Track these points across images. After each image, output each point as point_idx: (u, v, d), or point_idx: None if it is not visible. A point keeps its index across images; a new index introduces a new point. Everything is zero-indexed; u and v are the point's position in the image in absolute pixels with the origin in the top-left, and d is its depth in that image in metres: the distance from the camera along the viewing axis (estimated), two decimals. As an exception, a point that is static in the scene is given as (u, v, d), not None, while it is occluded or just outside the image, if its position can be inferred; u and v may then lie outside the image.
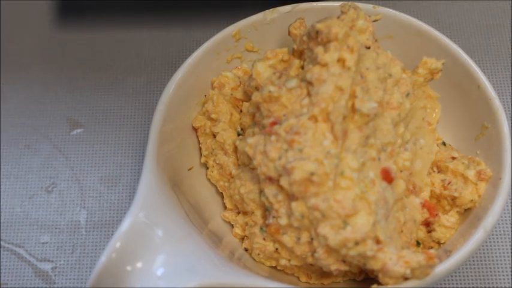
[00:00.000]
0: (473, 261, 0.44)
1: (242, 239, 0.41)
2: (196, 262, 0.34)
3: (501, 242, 0.45)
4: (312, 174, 0.33)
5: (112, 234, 0.45)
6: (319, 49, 0.36)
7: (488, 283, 0.44)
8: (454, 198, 0.39)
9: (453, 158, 0.40)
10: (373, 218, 0.33)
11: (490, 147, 0.39)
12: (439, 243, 0.39)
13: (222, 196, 0.42)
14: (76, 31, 0.54)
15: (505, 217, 0.46)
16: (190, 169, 0.42)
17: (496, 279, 0.44)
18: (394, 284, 0.34)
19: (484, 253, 0.45)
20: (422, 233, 0.39)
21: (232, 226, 0.42)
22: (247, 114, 0.41)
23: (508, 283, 0.44)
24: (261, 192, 0.37)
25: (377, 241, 0.33)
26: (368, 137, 0.36)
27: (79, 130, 0.50)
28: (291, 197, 0.35)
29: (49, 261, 0.45)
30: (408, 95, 0.38)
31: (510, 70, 0.51)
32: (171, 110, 0.40)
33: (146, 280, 0.33)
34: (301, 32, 0.39)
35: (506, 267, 0.44)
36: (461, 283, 0.44)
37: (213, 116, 0.41)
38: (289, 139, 0.34)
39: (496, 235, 0.45)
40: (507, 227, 0.45)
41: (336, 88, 0.35)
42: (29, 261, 0.45)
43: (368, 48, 0.37)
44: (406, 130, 0.39)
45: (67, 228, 0.46)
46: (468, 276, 0.44)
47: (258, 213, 0.38)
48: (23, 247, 0.45)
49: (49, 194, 0.47)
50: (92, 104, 0.51)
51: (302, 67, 0.38)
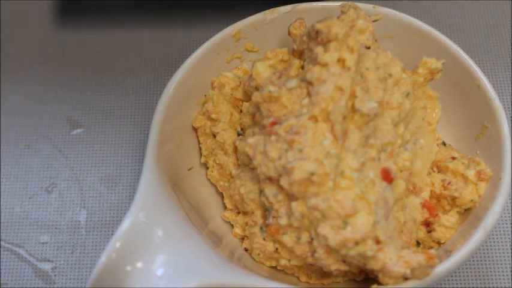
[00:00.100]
0: (473, 261, 0.44)
1: (242, 239, 0.41)
2: (196, 262, 0.34)
3: (501, 242, 0.45)
4: (312, 174, 0.33)
5: (112, 234, 0.45)
6: (319, 49, 0.36)
7: (488, 283, 0.44)
8: (454, 198, 0.39)
9: (453, 158, 0.40)
10: (373, 218, 0.33)
11: (490, 147, 0.39)
12: (439, 243, 0.39)
13: (222, 196, 0.42)
14: (76, 31, 0.54)
15: (505, 217, 0.46)
16: (190, 169, 0.42)
17: (496, 279, 0.44)
18: (394, 284, 0.34)
19: (484, 253, 0.45)
20: (422, 233, 0.39)
21: (232, 226, 0.42)
22: (247, 114, 0.41)
23: (508, 283, 0.43)
24: (261, 192, 0.37)
25: (377, 241, 0.33)
26: (368, 137, 0.36)
27: (79, 130, 0.50)
28: (291, 197, 0.35)
29: (49, 261, 0.45)
30: (408, 95, 0.38)
31: (510, 70, 0.51)
32: (171, 110, 0.40)
33: (146, 280, 0.33)
34: (301, 32, 0.39)
35: (506, 267, 0.44)
36: (461, 283, 0.44)
37: (213, 116, 0.41)
38: (289, 139, 0.34)
39: (496, 235, 0.45)
40: (507, 227, 0.45)
41: (336, 88, 0.35)
42: (29, 261, 0.45)
43: (368, 48, 0.37)
44: (406, 130, 0.39)
45: (67, 228, 0.46)
46: (468, 276, 0.44)
47: (258, 213, 0.38)
48: (23, 247, 0.45)
49: (49, 194, 0.47)
50: (92, 104, 0.51)
51: (302, 67, 0.38)
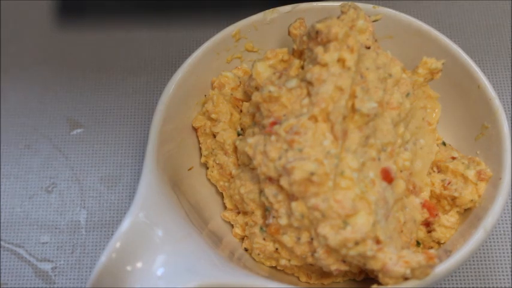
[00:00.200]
0: (473, 261, 0.44)
1: (242, 239, 0.41)
2: (196, 262, 0.34)
3: (501, 242, 0.45)
4: (312, 174, 0.33)
5: (112, 234, 0.45)
6: (319, 49, 0.36)
7: (488, 283, 0.44)
8: (454, 198, 0.39)
9: (453, 158, 0.40)
10: (373, 218, 0.33)
11: (490, 147, 0.39)
12: (439, 243, 0.39)
13: (222, 196, 0.42)
14: (76, 31, 0.54)
15: (505, 217, 0.46)
16: (190, 169, 0.42)
17: (496, 279, 0.44)
18: (394, 284, 0.34)
19: (484, 253, 0.45)
20: (422, 233, 0.39)
21: (232, 226, 0.42)
22: (247, 114, 0.41)
23: (508, 283, 0.43)
24: (261, 192, 0.37)
25: (377, 241, 0.33)
26: (368, 137, 0.36)
27: (79, 130, 0.50)
28: (291, 197, 0.35)
29: (49, 261, 0.45)
30: (408, 95, 0.38)
31: (510, 70, 0.51)
32: (171, 110, 0.40)
33: (146, 280, 0.33)
34: (301, 32, 0.39)
35: (506, 267, 0.44)
36: (461, 283, 0.44)
37: (213, 116, 0.41)
38: (289, 139, 0.34)
39: (496, 235, 0.45)
40: (507, 227, 0.45)
41: (336, 88, 0.35)
42: (29, 261, 0.45)
43: (368, 48, 0.37)
44: (406, 130, 0.39)
45: (67, 228, 0.46)
46: (468, 276, 0.44)
47: (258, 213, 0.38)
48: (23, 247, 0.45)
49: (49, 194, 0.47)
50: (92, 104, 0.51)
51: (302, 67, 0.38)
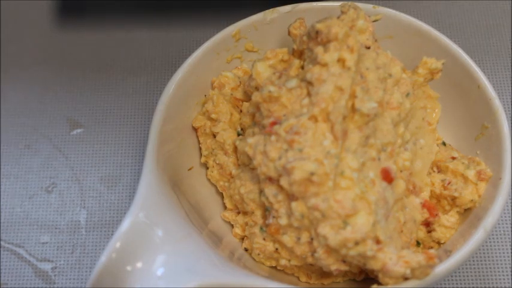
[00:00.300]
0: (473, 261, 0.44)
1: (242, 239, 0.41)
2: (196, 262, 0.34)
3: (501, 242, 0.45)
4: (312, 174, 0.33)
5: (112, 234, 0.45)
6: (319, 49, 0.36)
7: (488, 283, 0.44)
8: (454, 198, 0.39)
9: (453, 158, 0.40)
10: (373, 218, 0.33)
11: (490, 147, 0.39)
12: (439, 243, 0.39)
13: (222, 196, 0.42)
14: (76, 31, 0.54)
15: (505, 217, 0.46)
16: (190, 169, 0.42)
17: (496, 279, 0.44)
18: (394, 284, 0.34)
19: (484, 253, 0.45)
20: (422, 233, 0.39)
21: (232, 226, 0.42)
22: (247, 114, 0.41)
23: (508, 283, 0.43)
24: (261, 192, 0.37)
25: (377, 241, 0.33)
26: (368, 137, 0.36)
27: (79, 130, 0.50)
28: (291, 197, 0.35)
29: (49, 261, 0.45)
30: (408, 95, 0.38)
31: (510, 70, 0.51)
32: (171, 110, 0.40)
33: (146, 280, 0.33)
34: (301, 32, 0.39)
35: (506, 267, 0.44)
36: (461, 283, 0.44)
37: (213, 116, 0.41)
38: (289, 139, 0.34)
39: (496, 235, 0.45)
40: (507, 227, 0.45)
41: (336, 88, 0.35)
42: (29, 261, 0.45)
43: (368, 48, 0.37)
44: (406, 130, 0.39)
45: (67, 228, 0.46)
46: (468, 276, 0.44)
47: (258, 213, 0.38)
48: (23, 247, 0.45)
49: (49, 194, 0.47)
50: (92, 104, 0.51)
51: (302, 67, 0.38)
